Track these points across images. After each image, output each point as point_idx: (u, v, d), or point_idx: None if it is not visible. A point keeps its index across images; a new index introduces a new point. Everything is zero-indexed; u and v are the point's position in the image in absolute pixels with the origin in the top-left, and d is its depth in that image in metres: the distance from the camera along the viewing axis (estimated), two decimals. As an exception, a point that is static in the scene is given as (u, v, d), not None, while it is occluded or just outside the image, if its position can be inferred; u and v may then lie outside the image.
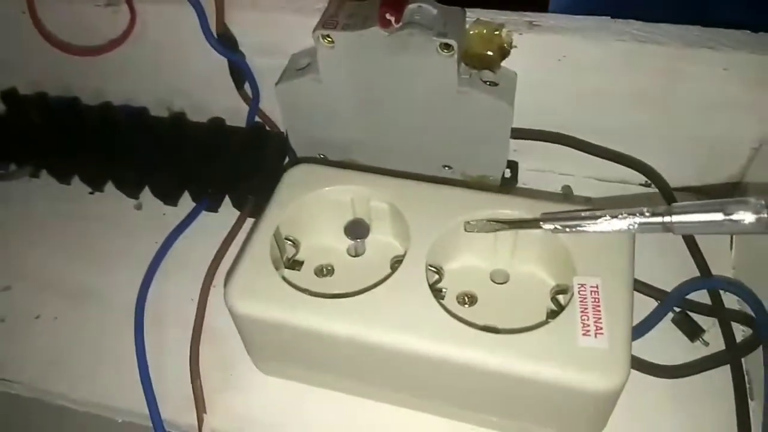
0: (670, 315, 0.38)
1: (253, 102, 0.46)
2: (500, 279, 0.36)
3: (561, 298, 0.34)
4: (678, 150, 0.42)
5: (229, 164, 0.45)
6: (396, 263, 0.35)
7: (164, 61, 0.47)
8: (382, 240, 0.37)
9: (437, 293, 0.34)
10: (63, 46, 0.46)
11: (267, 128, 0.47)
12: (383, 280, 0.33)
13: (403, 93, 0.39)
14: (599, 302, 0.31)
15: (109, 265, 0.44)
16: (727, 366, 0.36)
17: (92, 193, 0.49)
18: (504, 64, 0.39)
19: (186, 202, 0.46)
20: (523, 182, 0.45)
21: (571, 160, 0.44)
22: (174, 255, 0.43)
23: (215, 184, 0.45)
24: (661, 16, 0.38)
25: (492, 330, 0.31)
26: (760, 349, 0.34)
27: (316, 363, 0.35)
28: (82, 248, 0.45)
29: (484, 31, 0.38)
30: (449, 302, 0.35)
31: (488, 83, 0.39)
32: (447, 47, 0.36)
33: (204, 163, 0.45)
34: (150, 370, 0.37)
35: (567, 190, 0.45)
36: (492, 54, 0.38)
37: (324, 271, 0.37)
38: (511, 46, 0.38)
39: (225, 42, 0.43)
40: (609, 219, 0.30)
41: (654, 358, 0.36)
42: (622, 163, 0.43)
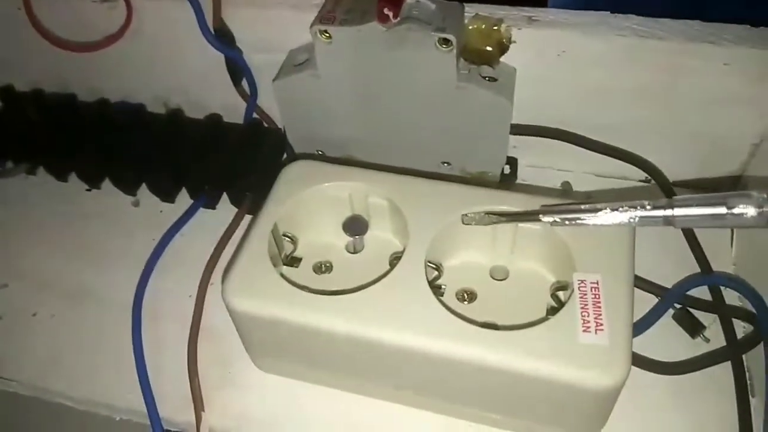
0: (671, 311, 0.38)
1: (251, 98, 0.46)
2: (500, 275, 0.36)
3: (561, 295, 0.34)
4: (678, 146, 0.42)
5: (227, 161, 0.44)
6: (395, 260, 0.35)
7: (161, 58, 0.47)
8: (381, 236, 0.37)
9: (436, 290, 0.34)
10: (59, 43, 0.46)
11: (264, 125, 0.47)
12: (382, 277, 0.32)
13: (402, 89, 0.39)
14: (599, 298, 0.30)
15: (107, 263, 0.44)
16: (728, 362, 0.36)
17: (89, 191, 0.48)
18: (503, 60, 0.39)
19: (183, 199, 0.46)
20: (523, 178, 0.45)
21: (571, 156, 0.44)
22: (171, 252, 0.43)
23: (213, 181, 0.45)
24: (660, 12, 0.38)
25: (492, 327, 0.31)
26: (761, 346, 0.34)
27: (315, 360, 0.35)
28: (79, 245, 0.45)
29: (483, 27, 0.38)
30: (448, 299, 0.35)
31: (487, 79, 0.38)
32: (446, 42, 0.36)
33: (201, 160, 0.45)
34: (148, 368, 0.37)
35: (566, 186, 0.45)
36: (491, 49, 0.38)
37: (322, 268, 0.37)
38: (510, 42, 0.38)
39: (222, 38, 0.43)
40: (609, 212, 0.30)
41: (654, 355, 0.36)
42: (622, 159, 0.42)
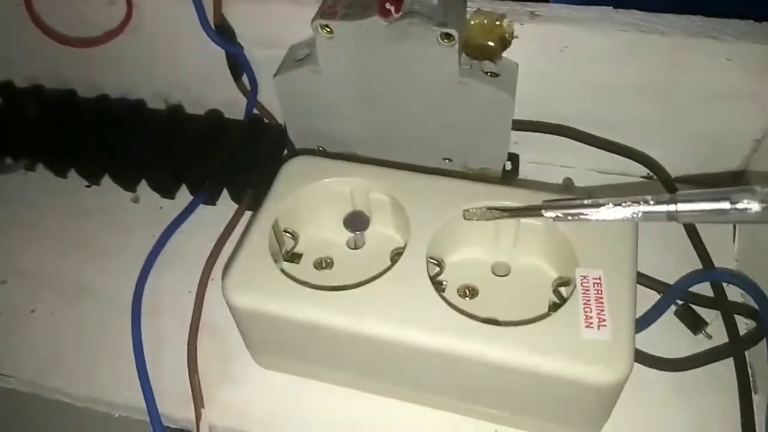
0: (673, 308, 0.37)
1: (251, 94, 0.46)
2: (502, 271, 0.36)
3: (563, 291, 0.34)
4: (680, 141, 0.42)
5: (227, 157, 0.44)
6: (396, 255, 0.35)
7: (161, 53, 0.46)
8: (382, 232, 0.37)
9: (438, 286, 0.34)
10: (59, 38, 0.46)
11: (265, 120, 0.47)
12: (383, 273, 0.32)
13: (403, 84, 0.39)
14: (602, 294, 0.30)
15: (106, 259, 0.44)
16: (731, 359, 0.36)
17: (89, 187, 0.48)
18: (505, 55, 0.39)
19: (183, 196, 0.46)
20: (524, 175, 0.45)
21: (573, 152, 0.44)
22: (171, 248, 0.43)
23: (213, 177, 0.45)
24: (663, 7, 0.37)
25: (493, 322, 0.30)
26: (764, 342, 0.34)
27: (315, 356, 0.35)
28: (79, 242, 0.45)
29: (485, 21, 0.37)
30: (450, 295, 0.35)
31: (489, 74, 0.38)
32: (448, 37, 0.36)
33: (201, 156, 0.45)
34: (147, 365, 0.37)
35: (568, 182, 0.44)
36: (493, 44, 0.38)
37: (323, 264, 0.37)
38: (513, 37, 0.38)
39: (223, 33, 0.43)
40: (612, 207, 0.29)
41: (657, 351, 0.36)
42: (624, 155, 0.42)
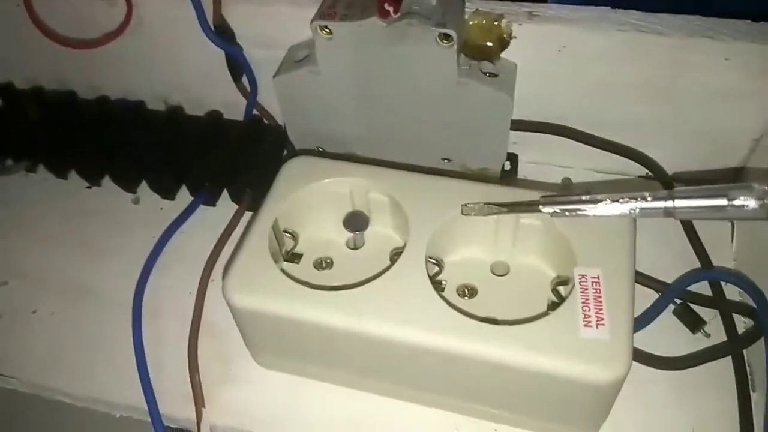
0: (672, 307, 0.38)
1: (251, 95, 0.46)
2: (501, 271, 0.36)
3: (562, 290, 0.34)
4: (678, 141, 0.42)
5: (227, 158, 0.44)
6: (395, 255, 0.35)
7: (161, 54, 0.47)
8: (382, 232, 0.37)
9: (437, 285, 0.34)
10: (59, 39, 0.46)
11: (265, 121, 0.47)
12: (383, 273, 0.32)
13: (402, 84, 0.39)
14: (600, 293, 0.30)
15: (107, 260, 0.44)
16: (729, 358, 0.36)
17: (89, 188, 0.48)
18: (504, 55, 0.39)
19: (184, 196, 0.46)
20: (523, 175, 0.45)
21: (571, 152, 0.44)
22: (172, 249, 0.43)
23: (213, 178, 0.45)
24: (664, 6, 0.38)
25: (492, 322, 0.31)
26: (762, 341, 0.34)
27: (316, 356, 0.35)
28: (80, 243, 0.45)
29: (484, 22, 0.38)
30: (449, 294, 0.35)
31: (488, 74, 0.38)
32: (446, 37, 0.36)
33: (201, 157, 0.45)
34: (148, 365, 0.37)
35: (567, 182, 0.45)
36: (491, 45, 0.38)
37: (323, 264, 0.37)
38: (511, 37, 0.38)
39: (222, 34, 0.43)
40: (610, 203, 0.29)
41: (655, 350, 0.36)
42: (622, 155, 0.42)
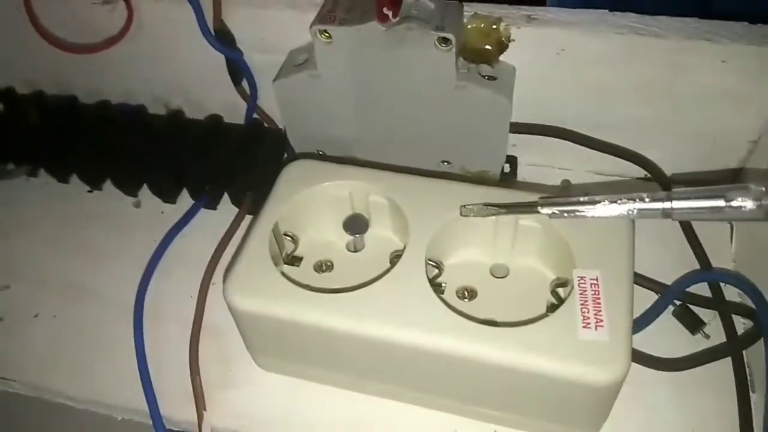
0: (671, 308, 0.38)
1: (251, 99, 0.46)
2: (500, 273, 0.36)
3: (561, 291, 0.34)
4: (677, 143, 0.42)
5: (227, 161, 0.44)
6: (395, 258, 0.35)
7: (161, 59, 0.47)
8: (381, 235, 0.37)
9: (437, 288, 0.34)
10: (60, 44, 0.46)
11: (265, 125, 0.47)
12: (383, 275, 0.33)
13: (401, 88, 0.39)
14: (599, 295, 0.31)
15: (108, 264, 0.44)
16: (728, 359, 0.36)
17: (91, 192, 0.49)
18: (502, 59, 0.39)
19: (184, 200, 0.46)
20: (523, 177, 0.45)
21: (570, 155, 0.44)
22: (173, 253, 0.43)
23: (213, 182, 0.45)
24: (663, 8, 0.38)
25: (492, 324, 0.31)
26: (761, 342, 0.34)
27: (316, 359, 0.35)
28: (81, 247, 0.45)
29: (482, 25, 0.38)
30: (449, 297, 0.35)
31: (487, 77, 0.39)
32: (445, 41, 0.36)
33: (202, 161, 0.45)
34: (149, 368, 0.37)
35: (566, 184, 0.45)
36: (490, 48, 0.38)
37: (323, 267, 0.37)
38: (509, 40, 0.38)
39: (222, 39, 0.43)
40: (608, 204, 0.30)
41: (655, 351, 0.36)
42: (621, 157, 0.43)
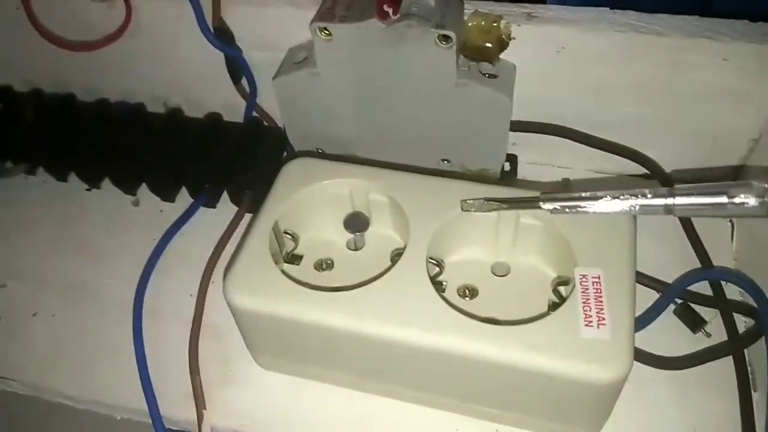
0: (672, 306, 0.38)
1: (251, 97, 0.46)
2: (501, 271, 0.36)
3: (562, 290, 0.34)
4: (677, 141, 0.42)
5: (227, 159, 0.44)
6: (396, 256, 0.35)
7: (160, 57, 0.47)
8: (382, 233, 0.37)
9: (438, 286, 0.34)
10: (58, 42, 0.46)
11: (264, 123, 0.47)
12: (383, 274, 0.32)
13: (401, 85, 0.39)
14: (601, 293, 0.30)
15: (107, 262, 0.44)
16: (730, 357, 0.36)
17: (89, 190, 0.48)
18: (503, 56, 0.39)
19: (184, 198, 0.46)
20: (523, 176, 0.45)
21: (571, 153, 0.44)
22: (172, 251, 0.43)
23: (212, 180, 0.45)
24: (663, 6, 0.38)
25: (493, 322, 0.31)
26: (763, 340, 0.34)
27: (316, 357, 0.35)
28: (80, 245, 0.45)
29: (483, 23, 0.38)
30: (450, 295, 0.35)
31: (487, 75, 0.38)
32: (445, 39, 0.36)
33: (201, 159, 0.45)
34: (149, 367, 0.37)
35: (566, 183, 0.45)
36: (490, 46, 0.38)
37: (324, 265, 0.37)
38: (510, 38, 0.38)
39: (221, 36, 0.43)
40: (610, 199, 0.29)
41: (656, 350, 0.36)
42: (622, 155, 0.42)
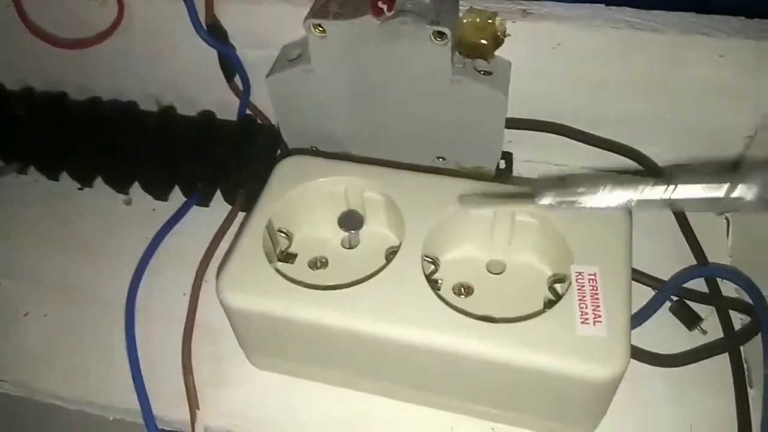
0: (668, 304, 0.37)
1: (244, 95, 0.46)
2: (497, 269, 0.36)
3: (558, 287, 0.34)
4: (673, 138, 0.42)
5: (220, 158, 0.44)
6: (391, 254, 0.34)
7: (153, 54, 0.46)
8: (377, 231, 0.37)
9: (433, 284, 0.33)
10: (49, 39, 0.45)
11: (258, 121, 0.47)
12: (378, 272, 0.32)
13: (396, 83, 0.39)
14: (597, 290, 0.30)
15: (99, 262, 0.43)
16: (726, 354, 0.36)
17: (81, 189, 0.48)
18: (498, 53, 0.39)
19: (176, 197, 0.46)
20: (518, 173, 0.45)
21: (566, 150, 0.44)
22: (165, 250, 0.42)
23: (206, 178, 0.44)
24: (658, 3, 0.38)
25: (489, 320, 0.30)
26: (759, 337, 0.34)
27: (311, 356, 0.34)
28: (72, 244, 0.45)
29: (478, 20, 0.37)
30: (445, 293, 0.35)
31: (482, 72, 0.38)
32: (440, 35, 0.35)
33: (194, 158, 0.44)
34: (141, 367, 0.37)
35: (566, 178, 0.44)
36: (485, 43, 0.38)
37: (318, 264, 0.37)
38: (505, 35, 0.38)
39: (215, 34, 0.43)
40: (607, 193, 0.29)
41: (652, 347, 0.36)
42: (618, 152, 0.42)
